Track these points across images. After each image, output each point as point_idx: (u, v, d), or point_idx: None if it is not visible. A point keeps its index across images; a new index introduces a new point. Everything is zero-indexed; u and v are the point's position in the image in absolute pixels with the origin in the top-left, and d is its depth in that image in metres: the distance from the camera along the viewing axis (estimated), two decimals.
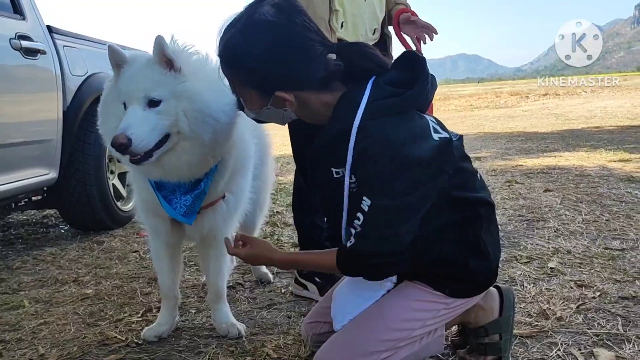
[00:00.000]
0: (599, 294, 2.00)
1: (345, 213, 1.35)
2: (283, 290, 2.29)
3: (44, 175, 2.98)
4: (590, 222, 3.02)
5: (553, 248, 2.59)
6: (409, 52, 1.43)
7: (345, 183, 1.32)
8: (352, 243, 1.31)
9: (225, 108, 1.53)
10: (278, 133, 2.40)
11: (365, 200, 1.27)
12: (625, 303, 1.91)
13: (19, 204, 3.18)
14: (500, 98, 21.38)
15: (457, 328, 1.67)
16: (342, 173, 1.34)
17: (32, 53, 2.84)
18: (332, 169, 1.36)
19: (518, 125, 10.32)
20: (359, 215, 1.29)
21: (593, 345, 1.62)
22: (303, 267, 1.80)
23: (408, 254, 1.31)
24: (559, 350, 1.60)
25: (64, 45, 3.19)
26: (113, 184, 3.55)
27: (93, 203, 3.26)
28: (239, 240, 1.57)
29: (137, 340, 1.82)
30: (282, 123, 1.51)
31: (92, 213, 3.31)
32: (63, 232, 3.65)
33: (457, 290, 1.43)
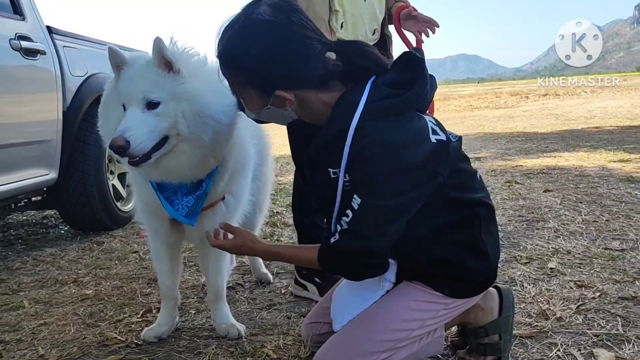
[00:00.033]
0: (599, 295, 2.00)
1: (337, 210, 1.36)
2: (283, 291, 2.29)
3: (44, 176, 2.98)
4: (590, 222, 3.02)
5: (553, 248, 2.59)
6: (408, 52, 1.43)
7: (340, 181, 1.33)
8: (336, 239, 1.33)
9: (226, 109, 1.53)
10: (278, 133, 2.40)
11: (356, 199, 1.28)
12: (625, 303, 1.92)
13: (19, 205, 3.18)
14: (500, 98, 21.38)
15: (456, 328, 1.67)
16: (338, 173, 1.34)
17: (32, 53, 2.84)
18: (329, 169, 1.36)
19: (518, 126, 10.32)
20: (348, 212, 1.30)
21: (593, 346, 1.63)
22: (284, 259, 1.80)
23: (387, 257, 1.34)
24: (559, 351, 1.60)
25: (64, 46, 3.19)
26: (113, 185, 3.55)
27: (93, 203, 3.27)
28: (223, 230, 1.58)
29: (136, 341, 1.82)
30: (283, 123, 1.51)
31: (92, 213, 3.31)
32: (63, 232, 3.65)
33: (456, 291, 1.43)
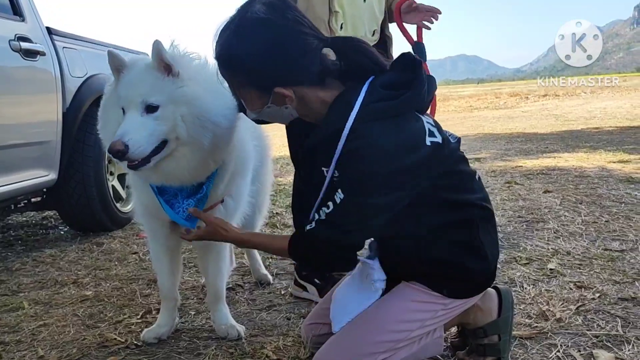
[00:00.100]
0: (599, 295, 2.00)
1: (318, 201, 1.38)
2: (282, 292, 2.29)
3: (44, 177, 2.98)
4: (590, 223, 3.02)
5: (552, 249, 2.59)
6: (407, 53, 1.43)
7: (328, 175, 1.35)
8: (311, 227, 1.36)
9: (226, 112, 1.52)
10: (277, 134, 2.40)
11: (339, 194, 1.30)
12: (625, 304, 1.92)
13: (19, 206, 3.17)
14: (500, 99, 21.39)
15: (456, 329, 1.67)
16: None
17: (31, 54, 2.84)
18: (322, 169, 1.37)
19: (518, 126, 10.32)
20: (329, 204, 1.32)
21: (592, 347, 1.63)
22: (254, 247, 1.79)
23: (357, 253, 1.37)
24: (559, 352, 1.60)
25: (64, 47, 3.19)
26: (112, 186, 3.55)
27: (92, 204, 3.26)
28: (193, 215, 1.57)
29: (136, 342, 1.82)
30: (284, 122, 1.51)
31: (91, 214, 3.31)
32: (62, 233, 3.65)
33: (455, 291, 1.43)
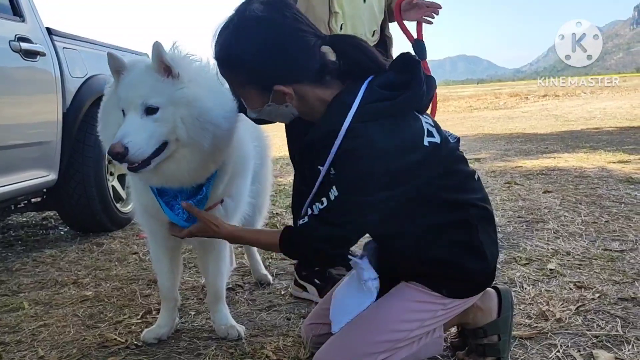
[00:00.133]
0: (599, 296, 2.00)
1: (312, 195, 1.38)
2: (282, 292, 2.29)
3: (44, 177, 2.98)
4: (590, 223, 3.02)
5: (552, 249, 2.59)
6: (406, 53, 1.43)
7: (322, 172, 1.34)
8: (305, 222, 1.36)
9: (226, 114, 1.52)
10: (277, 134, 2.40)
11: (334, 191, 1.30)
12: (625, 304, 1.92)
13: (19, 206, 3.17)
14: (500, 99, 21.39)
15: (456, 329, 1.67)
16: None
17: (31, 55, 2.84)
18: (318, 167, 1.37)
19: (517, 127, 10.32)
20: (323, 200, 1.32)
21: (592, 347, 1.63)
22: (245, 242, 1.78)
23: (348, 249, 1.38)
24: (559, 352, 1.60)
25: (64, 47, 3.19)
26: (112, 186, 3.55)
27: (92, 205, 3.26)
28: (186, 209, 1.56)
29: (136, 342, 1.82)
30: (285, 121, 1.51)
31: (91, 215, 3.31)
32: (63, 234, 3.64)
33: (454, 291, 1.44)
